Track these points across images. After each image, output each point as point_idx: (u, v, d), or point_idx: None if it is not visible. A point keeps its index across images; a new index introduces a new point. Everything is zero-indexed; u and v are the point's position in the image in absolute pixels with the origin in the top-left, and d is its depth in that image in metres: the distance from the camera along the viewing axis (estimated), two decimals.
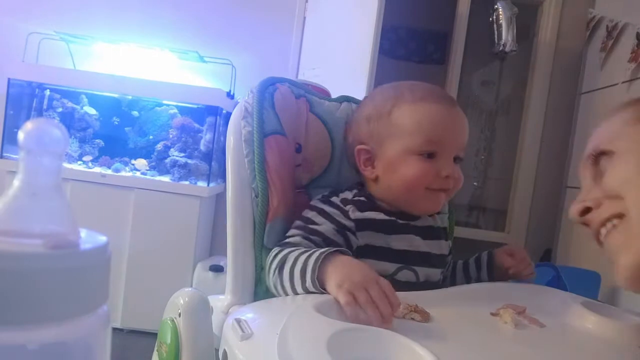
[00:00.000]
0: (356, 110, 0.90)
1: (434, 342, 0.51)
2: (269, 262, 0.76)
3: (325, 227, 0.78)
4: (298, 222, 0.81)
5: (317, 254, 0.69)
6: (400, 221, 0.82)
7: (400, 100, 0.82)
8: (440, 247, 0.86)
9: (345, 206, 0.81)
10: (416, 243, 0.82)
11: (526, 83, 2.54)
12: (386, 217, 0.82)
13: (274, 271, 0.74)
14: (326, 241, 0.77)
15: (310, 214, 0.81)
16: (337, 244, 0.77)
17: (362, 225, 0.80)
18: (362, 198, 0.83)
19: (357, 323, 0.58)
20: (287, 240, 0.78)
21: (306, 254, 0.70)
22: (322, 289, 0.66)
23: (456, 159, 0.82)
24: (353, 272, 0.65)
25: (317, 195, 0.86)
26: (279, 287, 0.73)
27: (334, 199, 0.83)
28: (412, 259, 0.81)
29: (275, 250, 0.77)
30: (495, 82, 2.71)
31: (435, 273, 0.85)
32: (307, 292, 0.68)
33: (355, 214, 0.80)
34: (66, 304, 0.25)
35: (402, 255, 0.80)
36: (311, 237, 0.77)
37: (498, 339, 0.62)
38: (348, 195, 0.84)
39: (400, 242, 0.81)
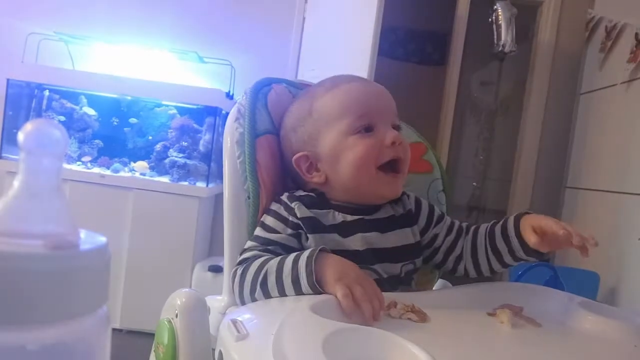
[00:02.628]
0: (281, 129, 0.86)
1: (430, 343, 0.51)
2: (237, 281, 0.72)
3: (280, 235, 0.76)
4: (256, 230, 0.78)
5: (304, 257, 0.67)
6: (351, 218, 0.78)
7: (315, 96, 0.82)
8: (404, 236, 0.81)
9: (291, 203, 0.77)
10: (372, 240, 0.77)
11: (525, 83, 2.54)
12: (336, 217, 0.78)
13: (252, 287, 0.70)
14: (284, 249, 0.75)
15: (267, 220, 0.78)
16: (295, 249, 0.74)
17: (310, 225, 0.76)
18: (311, 194, 0.80)
19: (351, 317, 0.60)
20: (245, 256, 0.74)
21: (289, 260, 0.68)
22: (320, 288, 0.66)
23: (396, 129, 0.80)
24: (348, 269, 0.66)
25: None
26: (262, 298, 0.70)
27: (284, 196, 0.79)
28: (369, 257, 0.77)
29: (239, 268, 0.73)
30: (495, 82, 2.71)
31: (396, 267, 0.79)
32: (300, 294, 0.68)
33: (301, 210, 0.76)
34: (66, 305, 0.25)
35: (357, 255, 0.75)
36: (268, 247, 0.75)
37: (495, 339, 0.63)
38: (300, 192, 0.80)
39: (354, 242, 0.77)
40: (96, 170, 2.16)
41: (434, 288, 0.96)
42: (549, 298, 0.80)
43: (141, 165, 2.21)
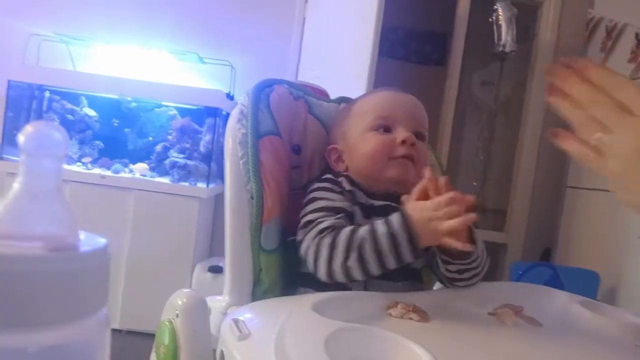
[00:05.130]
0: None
1: (432, 342, 0.51)
2: (326, 250, 0.73)
3: (339, 202, 0.80)
4: (312, 206, 0.79)
5: (394, 217, 0.72)
6: (379, 203, 0.84)
7: (357, 100, 0.93)
8: None
9: (337, 178, 0.84)
10: None
11: (526, 84, 2.54)
12: (367, 201, 0.84)
13: (345, 256, 0.71)
14: (349, 217, 0.79)
15: (321, 194, 0.81)
16: (351, 214, 0.80)
17: (354, 197, 0.83)
18: (346, 174, 0.86)
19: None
20: (323, 226, 0.75)
21: (377, 222, 0.72)
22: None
23: (418, 136, 0.86)
24: (423, 207, 0.71)
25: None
26: (357, 268, 0.71)
27: (326, 177, 0.85)
28: None
29: (326, 238, 0.73)
30: (495, 82, 2.71)
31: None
32: (400, 260, 0.71)
33: (346, 185, 0.84)
34: (66, 307, 0.25)
35: None
36: (337, 215, 0.77)
37: (496, 338, 0.63)
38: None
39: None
40: (97, 171, 2.16)
41: (434, 288, 0.97)
42: (549, 298, 0.80)
43: (141, 167, 2.21)
